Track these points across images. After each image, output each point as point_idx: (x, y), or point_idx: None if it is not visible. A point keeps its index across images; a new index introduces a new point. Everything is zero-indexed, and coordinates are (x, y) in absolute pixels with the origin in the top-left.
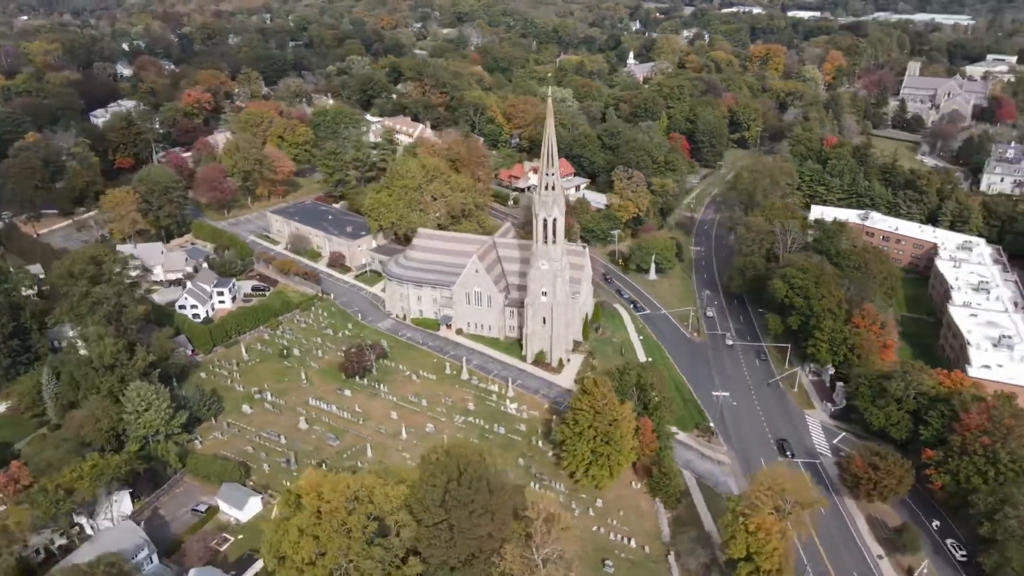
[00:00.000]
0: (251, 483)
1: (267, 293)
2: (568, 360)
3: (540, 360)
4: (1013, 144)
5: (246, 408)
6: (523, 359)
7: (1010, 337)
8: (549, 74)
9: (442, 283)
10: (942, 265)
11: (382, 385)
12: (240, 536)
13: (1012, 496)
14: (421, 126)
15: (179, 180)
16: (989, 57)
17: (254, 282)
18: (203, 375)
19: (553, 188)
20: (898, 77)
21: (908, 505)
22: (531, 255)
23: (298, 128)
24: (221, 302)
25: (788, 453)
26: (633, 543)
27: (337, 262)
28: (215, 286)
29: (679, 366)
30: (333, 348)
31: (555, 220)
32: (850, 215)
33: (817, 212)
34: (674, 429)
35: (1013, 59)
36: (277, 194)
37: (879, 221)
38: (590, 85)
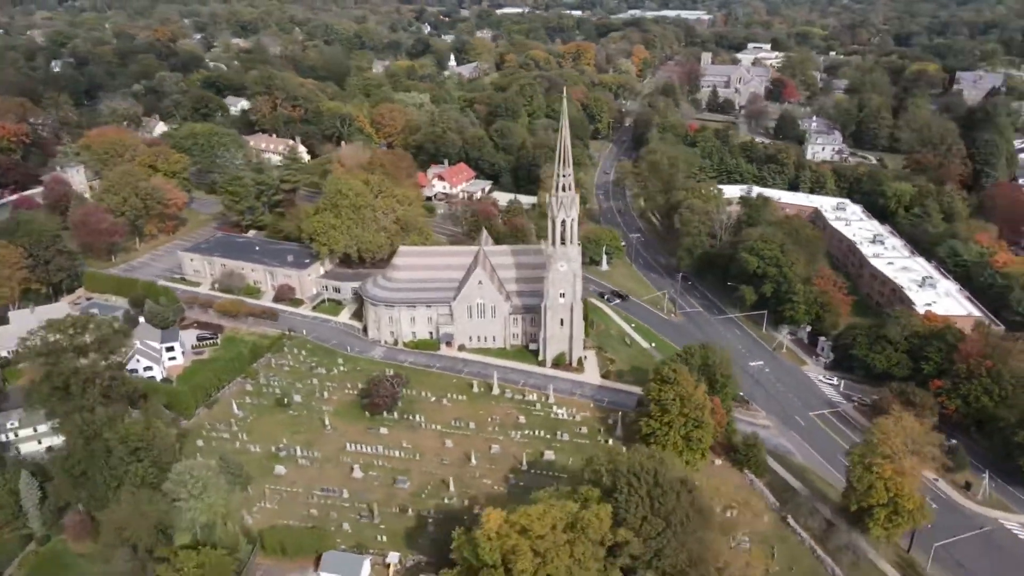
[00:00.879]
0: (343, 547)
1: (217, 341)
2: (585, 358)
3: (560, 362)
4: (814, 119)
5: (280, 469)
6: (540, 364)
7: (931, 277)
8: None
9: (438, 300)
10: (837, 224)
11: (416, 416)
12: None
13: None
14: (291, 143)
15: (61, 226)
16: (750, 45)
17: (196, 331)
18: (200, 443)
19: (568, 189)
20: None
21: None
22: (546, 258)
23: (171, 156)
24: (172, 359)
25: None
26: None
27: (285, 296)
28: (162, 341)
29: (679, 345)
30: (336, 387)
31: (572, 221)
32: (733, 191)
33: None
34: None
35: (767, 46)
36: (166, 231)
37: (788, 194)
38: (441, 89)
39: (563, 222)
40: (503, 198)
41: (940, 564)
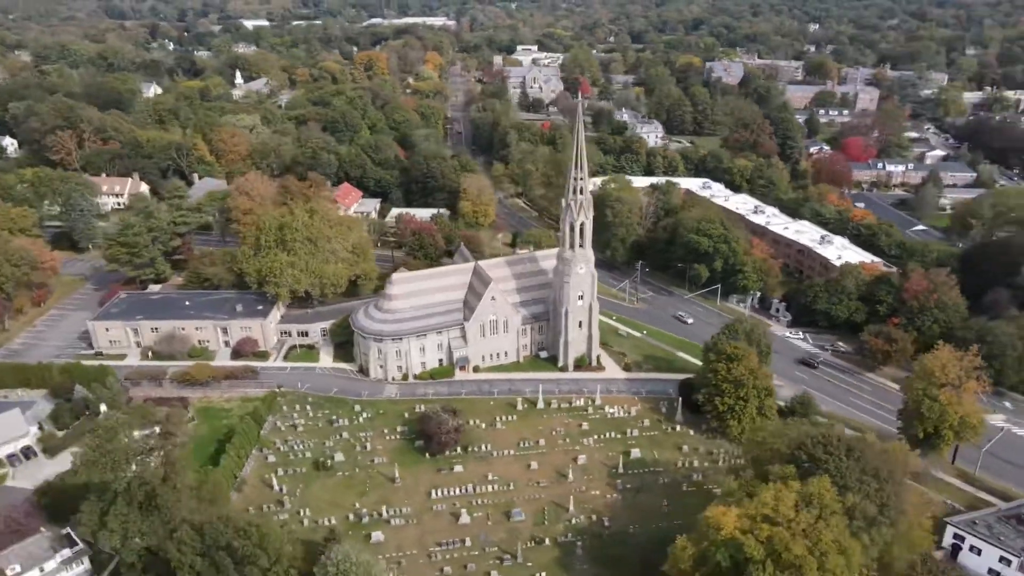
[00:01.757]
0: None
1: (191, 417)
2: (599, 356)
3: (581, 364)
4: (625, 111)
5: (377, 536)
6: (561, 369)
7: (827, 235)
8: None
9: (449, 324)
10: (718, 201)
11: (481, 446)
12: None
13: (985, 325)
14: (130, 181)
15: None
16: (519, 48)
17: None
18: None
19: (582, 192)
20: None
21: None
22: (563, 262)
23: (11, 210)
24: None
25: (815, 365)
26: None
27: (246, 350)
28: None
29: (665, 329)
30: (371, 436)
31: (587, 223)
32: (642, 181)
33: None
34: None
35: (535, 47)
36: (35, 302)
37: (640, 180)
38: (260, 107)
39: (574, 224)
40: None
41: (984, 469)
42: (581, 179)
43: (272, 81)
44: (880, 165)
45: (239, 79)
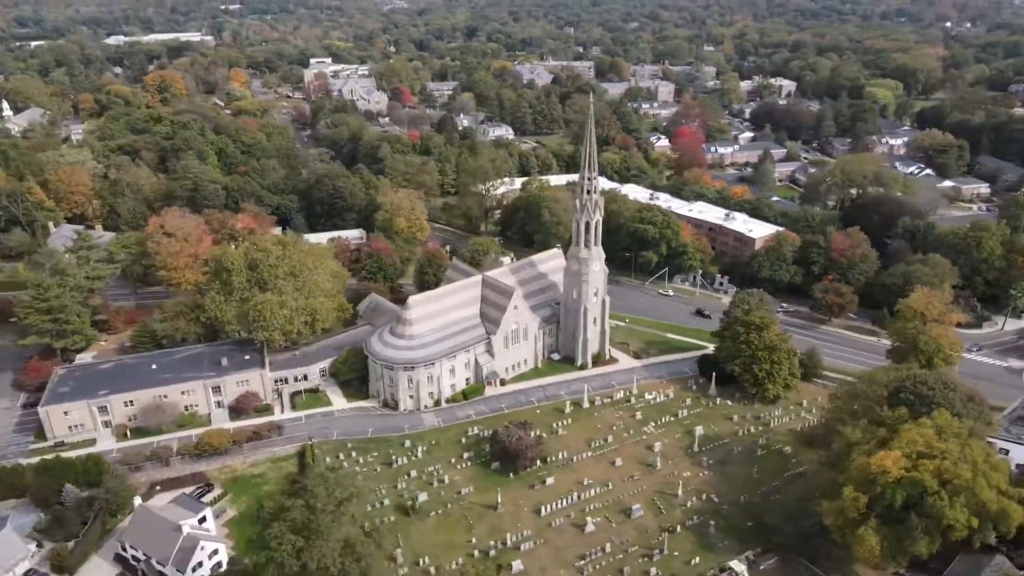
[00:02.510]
0: None
1: (216, 492)
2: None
3: (599, 360)
4: (463, 116)
5: (517, 565)
6: (581, 368)
7: (729, 213)
8: None
9: (473, 340)
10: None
11: (559, 454)
12: None
13: (906, 270)
14: None
15: None
16: (312, 61)
17: (178, 493)
18: None
19: (594, 192)
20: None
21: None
22: (579, 261)
23: None
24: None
25: (709, 315)
26: None
27: (248, 406)
28: (195, 516)
29: (643, 316)
30: (440, 469)
31: (597, 223)
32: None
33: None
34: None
35: (328, 60)
36: None
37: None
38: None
39: (590, 224)
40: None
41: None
42: (592, 179)
43: (49, 111)
44: (713, 149)
45: (6, 110)
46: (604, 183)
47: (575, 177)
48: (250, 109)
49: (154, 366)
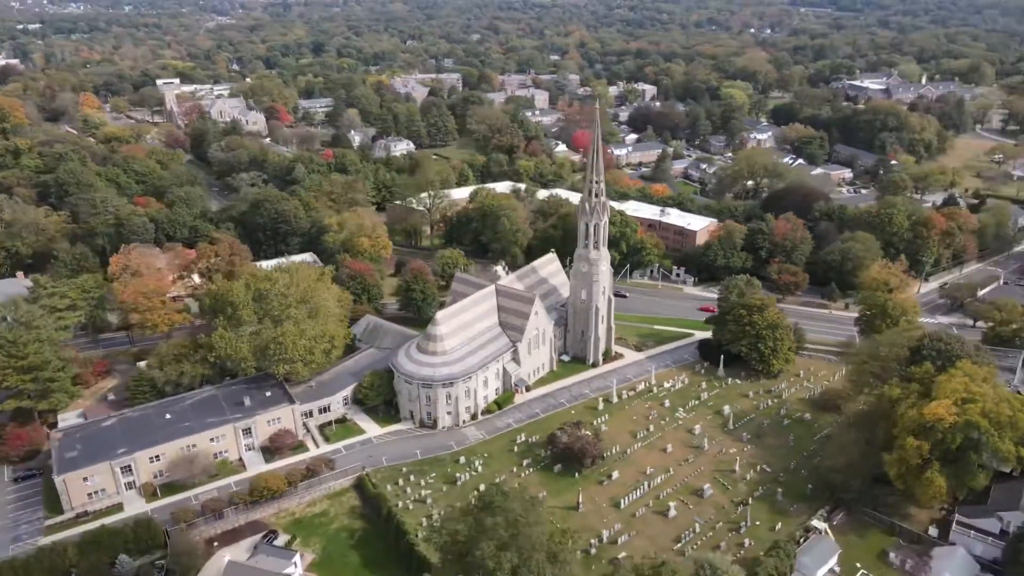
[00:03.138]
0: None
1: (291, 542)
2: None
3: (607, 357)
4: (355, 132)
5: (622, 556)
6: (593, 366)
7: (663, 208)
8: None
9: (502, 350)
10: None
11: (612, 449)
12: None
13: (842, 247)
14: None
15: None
16: (160, 82)
17: (244, 543)
18: None
19: (599, 195)
20: None
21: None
22: (589, 263)
23: None
24: None
25: (625, 295)
26: None
27: (284, 445)
28: (290, 564)
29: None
30: (506, 480)
31: (604, 225)
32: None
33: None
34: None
35: (176, 80)
36: None
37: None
38: None
39: (596, 226)
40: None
41: None
42: (598, 182)
43: None
44: (609, 151)
45: None
46: (503, 188)
47: (521, 185)
48: (122, 136)
49: (168, 415)
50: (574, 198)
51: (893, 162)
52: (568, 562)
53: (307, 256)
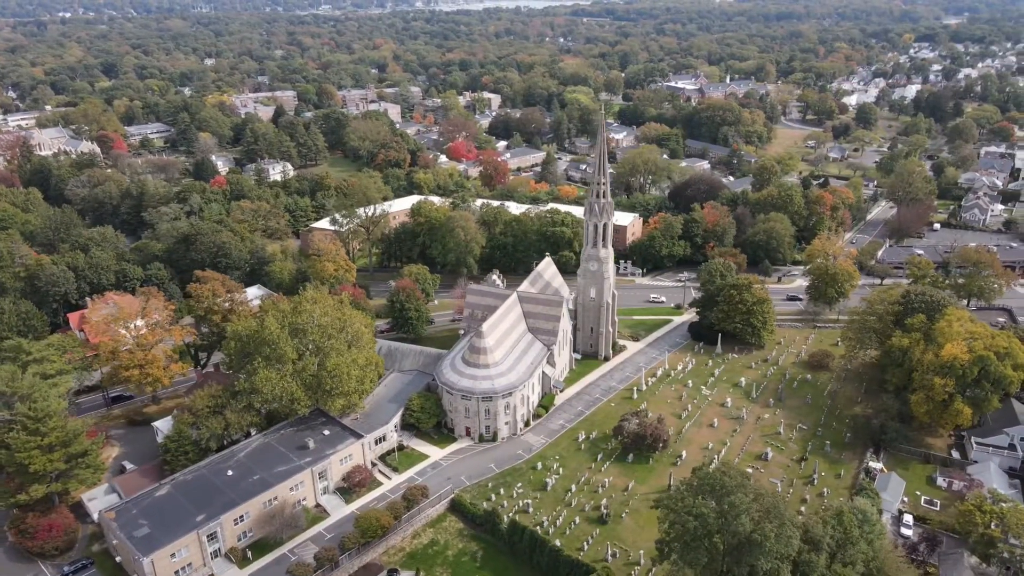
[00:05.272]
0: None
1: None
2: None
3: (615, 350)
4: (216, 157)
5: None
6: (606, 360)
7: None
8: None
9: (541, 354)
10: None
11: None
12: None
13: (765, 227)
14: None
15: None
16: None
17: None
18: None
19: (604, 196)
20: None
21: None
22: (599, 262)
23: None
24: None
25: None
26: None
27: (363, 483)
28: None
29: None
30: (591, 479)
31: (609, 225)
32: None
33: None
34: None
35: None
36: None
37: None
38: None
39: (604, 225)
40: None
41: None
42: (603, 184)
43: None
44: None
45: None
46: (408, 202)
47: (436, 199)
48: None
49: (229, 472)
50: (512, 207)
51: (741, 152)
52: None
53: (255, 289)
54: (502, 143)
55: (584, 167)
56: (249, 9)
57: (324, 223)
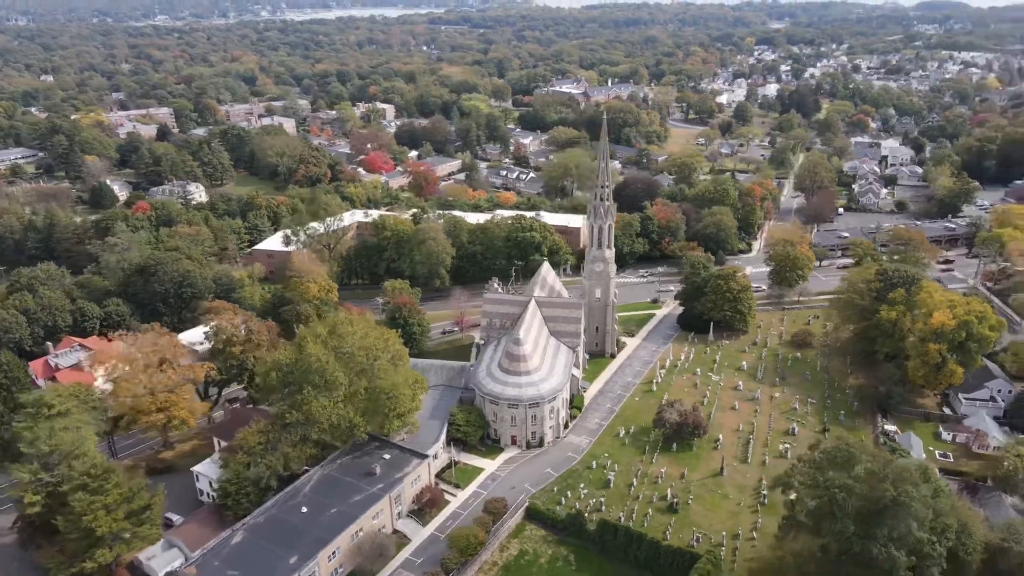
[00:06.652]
0: None
1: None
2: None
3: (619, 347)
4: (113, 182)
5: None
6: (612, 357)
7: (534, 213)
8: None
9: (568, 357)
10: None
11: (713, 409)
12: None
13: (714, 219)
14: None
15: None
16: None
17: None
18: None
19: (607, 199)
20: None
21: None
22: (605, 263)
23: None
24: None
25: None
26: None
27: (434, 499)
28: None
29: None
30: (643, 470)
31: (610, 227)
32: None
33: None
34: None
35: None
36: None
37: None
38: None
39: (609, 227)
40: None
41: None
42: (606, 187)
43: None
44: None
45: None
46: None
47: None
48: None
49: (303, 508)
50: (469, 216)
51: (648, 151)
52: None
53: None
54: (413, 153)
55: (503, 172)
56: (75, 21)
57: (271, 243)
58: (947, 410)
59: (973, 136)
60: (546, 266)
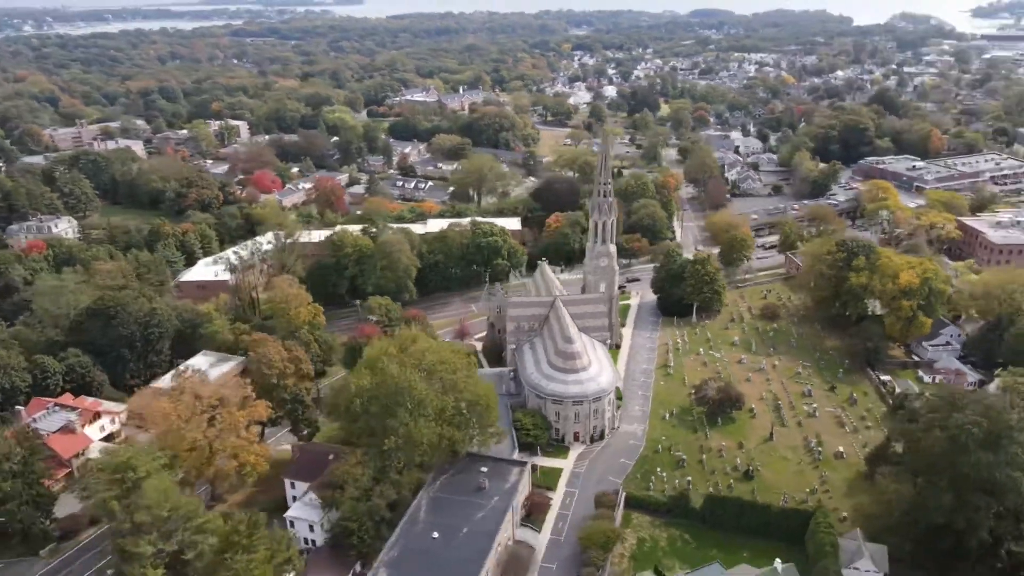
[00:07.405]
0: None
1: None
2: None
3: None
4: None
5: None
6: (618, 347)
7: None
8: None
9: (607, 352)
10: None
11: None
12: None
13: (646, 213)
14: None
15: None
16: None
17: None
18: None
19: (608, 196)
20: None
21: None
22: (609, 257)
23: None
24: None
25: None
26: None
27: (536, 505)
28: None
29: None
30: (713, 447)
31: (611, 223)
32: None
33: None
34: None
35: None
36: None
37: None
38: None
39: (612, 223)
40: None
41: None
42: (606, 184)
43: None
44: (300, 185)
45: None
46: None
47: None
48: None
49: (435, 535)
50: (416, 227)
51: (531, 154)
52: None
53: (200, 358)
54: (295, 168)
55: (400, 183)
56: None
57: (198, 274)
58: (916, 357)
59: (815, 124)
60: (545, 266)
